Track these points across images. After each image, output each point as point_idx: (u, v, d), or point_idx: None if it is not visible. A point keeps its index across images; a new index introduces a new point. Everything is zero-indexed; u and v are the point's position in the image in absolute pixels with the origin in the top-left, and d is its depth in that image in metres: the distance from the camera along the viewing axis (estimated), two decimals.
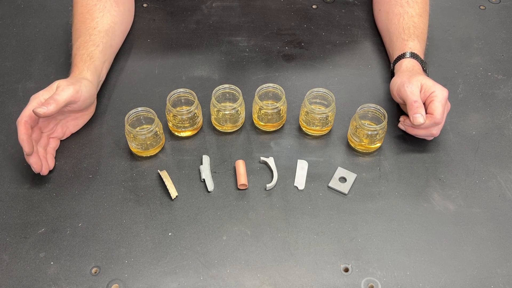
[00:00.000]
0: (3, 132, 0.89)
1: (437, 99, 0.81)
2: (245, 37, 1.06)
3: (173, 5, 1.12)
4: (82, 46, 0.89)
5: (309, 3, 1.13)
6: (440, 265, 0.74)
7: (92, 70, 0.87)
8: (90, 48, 0.89)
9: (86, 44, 0.89)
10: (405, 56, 0.90)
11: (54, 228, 0.78)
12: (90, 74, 0.86)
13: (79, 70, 0.86)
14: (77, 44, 0.90)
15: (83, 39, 0.90)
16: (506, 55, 1.03)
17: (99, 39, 0.91)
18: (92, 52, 0.89)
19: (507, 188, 0.83)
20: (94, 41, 0.90)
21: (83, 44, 0.90)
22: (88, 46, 0.89)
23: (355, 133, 0.85)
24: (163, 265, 0.74)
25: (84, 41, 0.90)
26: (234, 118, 0.88)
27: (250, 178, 0.83)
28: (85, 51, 0.88)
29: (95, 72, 0.88)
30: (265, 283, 0.72)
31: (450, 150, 0.87)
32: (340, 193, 0.82)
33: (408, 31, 0.94)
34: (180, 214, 0.79)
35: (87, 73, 0.86)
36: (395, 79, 0.88)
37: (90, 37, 0.91)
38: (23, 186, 0.82)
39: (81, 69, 0.86)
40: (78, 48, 0.89)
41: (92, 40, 0.90)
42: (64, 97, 0.79)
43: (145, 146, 0.84)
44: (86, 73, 0.86)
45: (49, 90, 0.81)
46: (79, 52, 0.89)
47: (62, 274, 0.73)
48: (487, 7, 1.14)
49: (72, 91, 0.80)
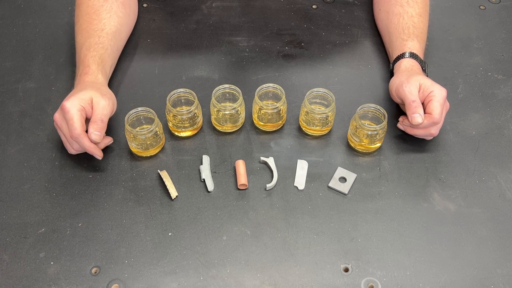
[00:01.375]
0: (3, 132, 0.89)
1: (436, 99, 0.81)
2: (245, 37, 1.06)
3: (173, 5, 1.12)
4: (93, 47, 0.89)
5: (309, 3, 1.13)
6: (440, 265, 0.74)
7: (103, 74, 0.88)
8: (100, 51, 0.89)
9: (96, 46, 0.89)
10: (404, 56, 0.90)
11: (54, 228, 0.78)
12: (104, 79, 0.88)
13: (94, 73, 0.86)
14: (87, 45, 0.90)
15: (93, 41, 0.90)
16: (506, 55, 1.03)
17: (107, 41, 0.91)
18: (103, 55, 0.89)
19: (507, 188, 0.83)
20: (103, 43, 0.90)
21: (94, 45, 0.89)
22: (98, 48, 0.89)
23: (355, 133, 0.85)
24: (163, 265, 0.74)
25: (94, 43, 0.90)
26: (234, 118, 0.88)
27: (250, 178, 0.83)
28: (96, 53, 0.89)
29: (105, 75, 0.89)
30: (265, 283, 0.72)
31: (450, 150, 0.87)
32: (340, 193, 0.82)
33: (407, 31, 0.94)
34: (180, 214, 0.79)
35: (102, 78, 0.87)
36: (394, 79, 0.88)
37: (99, 39, 0.91)
38: (23, 186, 0.82)
39: (96, 73, 0.87)
40: (89, 49, 0.89)
41: (101, 42, 0.90)
42: (108, 115, 0.81)
43: (145, 146, 0.84)
44: (100, 77, 0.87)
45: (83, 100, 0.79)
46: (91, 54, 0.88)
47: (62, 274, 0.73)
48: (487, 7, 1.14)
49: (111, 105, 0.82)
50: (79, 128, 0.77)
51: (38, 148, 0.87)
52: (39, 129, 0.90)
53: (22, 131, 0.89)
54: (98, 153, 0.81)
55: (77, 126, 0.77)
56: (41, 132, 0.89)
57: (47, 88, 0.96)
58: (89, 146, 0.79)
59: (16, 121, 0.91)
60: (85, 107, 0.79)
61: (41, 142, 0.88)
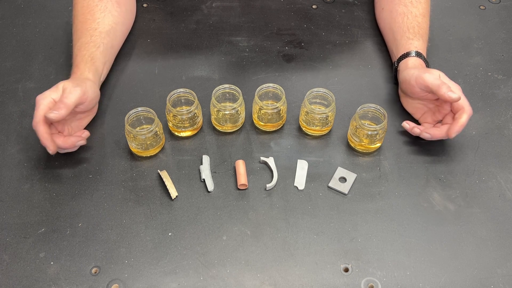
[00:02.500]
0: (3, 132, 0.89)
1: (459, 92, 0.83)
2: (245, 37, 1.06)
3: (173, 5, 1.12)
4: (83, 47, 0.89)
5: (309, 3, 1.13)
6: (440, 265, 0.74)
7: (93, 71, 0.87)
8: (91, 49, 0.89)
9: (87, 45, 0.89)
10: (410, 54, 0.90)
11: (54, 228, 0.78)
12: (92, 75, 0.87)
13: (81, 71, 0.86)
14: (78, 45, 0.90)
15: (84, 40, 0.90)
16: (506, 55, 1.03)
17: (100, 40, 0.91)
18: (93, 53, 0.89)
19: (507, 188, 0.83)
20: (95, 42, 0.90)
21: (84, 45, 0.90)
22: (89, 47, 0.89)
23: (355, 133, 0.85)
24: (163, 265, 0.74)
25: (85, 42, 0.90)
26: (234, 118, 0.88)
27: (250, 178, 0.83)
28: (86, 52, 0.88)
29: (96, 73, 0.88)
30: (265, 283, 0.72)
31: (450, 150, 0.87)
32: (340, 193, 0.82)
33: (413, 30, 0.94)
34: (180, 214, 0.79)
35: (88, 74, 0.86)
36: (411, 70, 0.87)
37: (91, 38, 0.91)
38: (23, 186, 0.82)
39: (82, 70, 0.86)
40: (79, 49, 0.89)
41: (93, 41, 0.90)
42: (73, 100, 0.79)
43: (145, 146, 0.84)
44: (88, 74, 0.86)
45: (55, 90, 0.81)
46: (80, 53, 0.89)
47: (62, 274, 0.73)
48: (487, 7, 1.14)
49: (79, 93, 0.80)
50: (38, 116, 0.77)
51: (38, 148, 0.87)
52: None
53: (22, 131, 0.89)
54: (50, 145, 0.78)
55: (37, 114, 0.77)
56: None
57: (47, 88, 0.94)
58: (42, 135, 0.77)
59: (16, 121, 0.91)
60: (56, 98, 0.79)
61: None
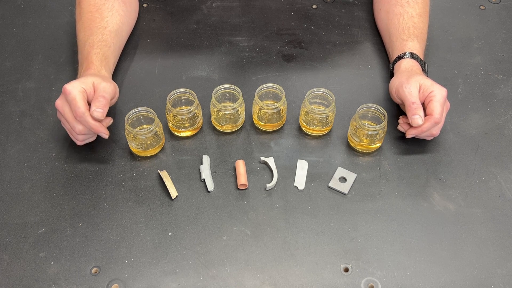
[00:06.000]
0: (3, 132, 0.89)
1: (436, 99, 0.81)
2: (245, 37, 1.06)
3: (173, 5, 1.12)
4: (96, 45, 0.89)
5: (309, 3, 1.13)
6: (440, 265, 0.74)
7: (107, 70, 0.88)
8: (103, 49, 0.89)
9: (99, 44, 0.89)
10: (404, 56, 0.90)
11: (54, 228, 0.78)
12: (108, 74, 0.88)
13: (97, 68, 0.86)
14: (90, 42, 0.90)
15: (96, 38, 0.90)
16: (506, 55, 1.03)
17: (110, 39, 0.91)
18: (106, 52, 0.89)
19: (507, 188, 0.83)
20: (106, 41, 0.91)
21: (97, 43, 0.89)
22: (101, 45, 0.89)
23: (355, 133, 0.85)
24: (163, 265, 0.74)
25: (97, 40, 0.90)
26: (234, 118, 0.88)
27: (250, 178, 0.83)
28: (99, 50, 0.88)
29: (109, 72, 0.89)
30: (265, 283, 0.72)
31: (450, 150, 0.87)
32: (340, 193, 0.82)
33: (408, 31, 0.94)
34: (180, 214, 0.79)
35: (105, 73, 0.87)
36: (394, 80, 0.88)
37: (103, 37, 0.91)
38: (23, 186, 0.82)
39: (98, 68, 0.86)
40: (92, 46, 0.89)
41: (104, 40, 0.90)
42: (110, 95, 0.80)
43: (145, 146, 0.84)
44: (104, 72, 0.87)
45: (84, 82, 0.79)
46: (94, 51, 0.88)
47: (62, 274, 0.73)
48: (487, 7, 1.14)
49: (113, 88, 0.81)
50: (82, 106, 0.76)
51: (38, 148, 0.87)
52: (39, 129, 0.90)
53: (22, 131, 0.89)
54: (104, 131, 0.80)
55: (80, 105, 0.76)
56: (41, 132, 0.89)
57: (47, 88, 0.96)
58: (94, 125, 0.77)
59: (16, 121, 0.91)
60: (87, 89, 0.79)
61: (41, 142, 0.88)
